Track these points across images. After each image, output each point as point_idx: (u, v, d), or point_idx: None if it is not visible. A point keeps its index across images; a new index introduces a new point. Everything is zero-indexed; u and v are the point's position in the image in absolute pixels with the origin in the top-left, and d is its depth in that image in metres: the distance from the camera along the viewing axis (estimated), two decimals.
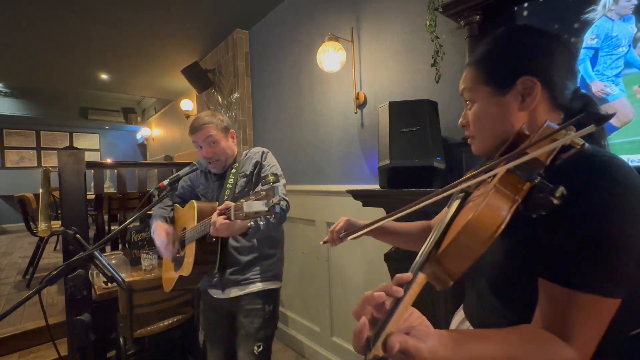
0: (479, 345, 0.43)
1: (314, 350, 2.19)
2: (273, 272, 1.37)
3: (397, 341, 0.37)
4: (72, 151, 1.95)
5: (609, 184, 0.44)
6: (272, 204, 0.92)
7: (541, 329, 0.46)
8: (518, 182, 0.43)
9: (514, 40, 0.60)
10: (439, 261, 0.41)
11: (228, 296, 1.32)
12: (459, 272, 0.41)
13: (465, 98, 0.65)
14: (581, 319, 0.44)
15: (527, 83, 0.56)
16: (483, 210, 0.40)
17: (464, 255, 0.40)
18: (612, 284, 0.43)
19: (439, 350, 0.40)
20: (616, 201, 0.43)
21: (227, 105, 3.08)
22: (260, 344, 1.29)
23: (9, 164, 7.26)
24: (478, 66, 0.62)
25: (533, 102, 0.56)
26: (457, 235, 0.40)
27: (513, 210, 0.41)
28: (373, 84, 1.80)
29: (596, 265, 0.43)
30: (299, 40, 2.32)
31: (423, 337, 0.40)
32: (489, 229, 0.40)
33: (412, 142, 1.27)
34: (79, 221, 1.92)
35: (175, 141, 5.79)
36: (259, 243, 1.34)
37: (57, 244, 4.99)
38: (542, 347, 0.44)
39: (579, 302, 0.44)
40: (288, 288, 2.44)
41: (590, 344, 0.44)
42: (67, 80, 4.60)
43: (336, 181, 2.04)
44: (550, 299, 0.46)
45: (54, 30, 2.88)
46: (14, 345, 2.29)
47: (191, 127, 1.33)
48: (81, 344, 1.01)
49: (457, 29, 1.37)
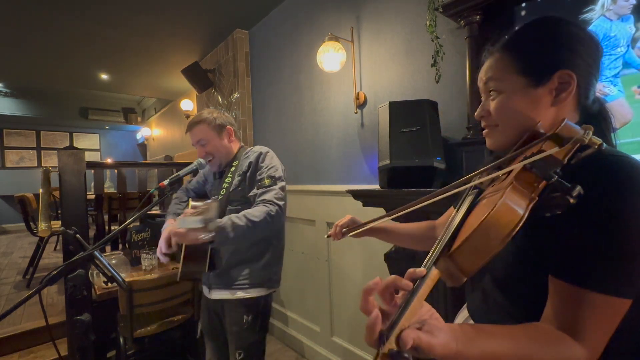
0: (490, 341, 0.43)
1: (314, 350, 2.19)
2: (262, 279, 1.30)
3: (410, 337, 0.37)
4: (72, 151, 1.95)
5: (626, 185, 0.43)
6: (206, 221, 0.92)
7: (551, 327, 0.46)
8: (534, 180, 0.42)
9: (556, 31, 0.55)
10: (453, 258, 0.40)
11: (212, 297, 1.33)
12: (473, 269, 0.40)
13: (489, 88, 0.60)
14: (593, 318, 0.43)
15: (564, 77, 0.53)
16: (500, 208, 0.39)
17: (479, 253, 0.39)
18: (624, 285, 0.43)
19: (450, 345, 0.39)
20: (632, 203, 0.42)
21: (227, 105, 3.08)
22: (240, 352, 1.27)
23: (9, 164, 7.26)
24: (513, 54, 0.57)
25: (567, 99, 0.54)
26: (473, 232, 0.39)
27: (530, 208, 0.40)
28: (373, 84, 1.80)
29: (610, 265, 0.43)
30: (299, 40, 2.32)
31: (435, 332, 0.39)
32: (506, 227, 0.39)
33: (412, 142, 1.27)
34: (79, 221, 1.92)
35: (175, 141, 5.79)
36: (246, 245, 1.29)
37: (57, 244, 4.99)
38: (553, 345, 0.44)
39: (591, 302, 0.43)
40: (288, 288, 2.44)
41: (600, 343, 0.44)
42: (67, 80, 4.59)
43: (336, 181, 2.04)
44: (561, 297, 0.46)
45: (54, 31, 2.88)
46: (14, 345, 2.29)
47: (186, 127, 1.36)
48: (81, 344, 1.02)
49: (457, 29, 1.37)
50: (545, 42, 0.55)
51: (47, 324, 1.00)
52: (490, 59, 0.60)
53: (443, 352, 0.38)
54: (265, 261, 1.31)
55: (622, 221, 0.42)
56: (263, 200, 1.20)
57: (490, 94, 0.60)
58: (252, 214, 1.14)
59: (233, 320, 1.29)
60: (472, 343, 0.41)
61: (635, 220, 0.42)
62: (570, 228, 0.45)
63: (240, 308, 1.27)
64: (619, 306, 0.44)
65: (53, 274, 0.93)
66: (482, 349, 0.42)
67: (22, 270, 3.63)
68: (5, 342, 2.27)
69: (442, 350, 0.38)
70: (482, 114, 0.62)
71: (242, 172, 1.32)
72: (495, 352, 0.42)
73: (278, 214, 1.19)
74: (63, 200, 1.90)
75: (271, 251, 1.33)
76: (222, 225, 1.08)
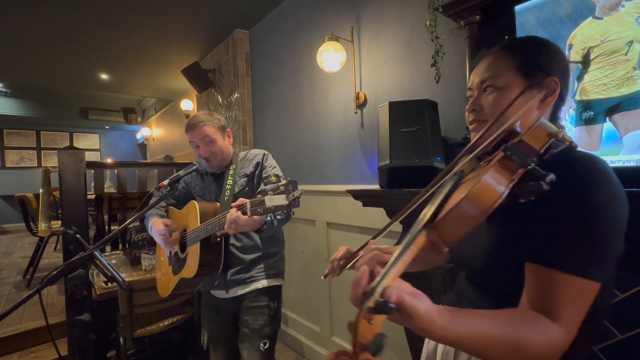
0: (472, 320, 0.45)
1: (314, 350, 2.19)
2: (276, 270, 1.38)
3: (394, 293, 0.38)
4: (73, 151, 1.95)
5: (595, 176, 0.48)
6: (293, 197, 0.94)
7: (529, 310, 0.49)
8: (514, 167, 0.46)
9: (544, 42, 0.62)
10: (438, 228, 0.44)
11: (233, 295, 1.32)
12: (454, 239, 0.43)
13: (488, 84, 0.62)
14: (566, 298, 0.47)
15: (552, 84, 0.59)
16: (484, 182, 0.43)
17: (462, 222, 0.43)
18: (594, 268, 0.47)
19: (433, 314, 0.41)
20: (602, 192, 0.47)
21: (227, 105, 3.08)
22: (266, 341, 1.29)
23: (9, 164, 7.26)
24: (512, 54, 0.61)
25: (551, 102, 0.60)
26: (458, 203, 0.42)
27: (509, 189, 0.44)
28: (373, 84, 1.80)
29: (580, 249, 0.47)
30: (299, 40, 2.32)
31: (419, 296, 0.42)
32: (489, 199, 0.43)
33: (412, 142, 1.27)
34: (79, 221, 1.92)
35: (175, 141, 5.79)
36: (262, 242, 1.35)
37: (57, 244, 4.99)
38: (531, 324, 0.46)
39: (564, 283, 0.47)
40: (288, 288, 2.44)
41: (575, 323, 0.47)
42: (67, 80, 4.60)
43: (336, 181, 2.04)
44: (536, 281, 0.50)
45: (55, 30, 2.88)
46: (14, 345, 2.29)
47: (188, 126, 1.32)
48: (81, 344, 1.02)
49: (457, 29, 1.37)
50: (540, 50, 0.61)
51: (47, 324, 1.01)
52: (489, 58, 0.64)
53: (425, 318, 0.40)
54: (280, 255, 1.43)
55: (592, 209, 0.47)
56: None
57: (485, 90, 0.63)
58: None
59: (259, 310, 1.31)
60: (455, 319, 0.43)
61: (602, 209, 0.47)
62: (545, 216, 0.50)
63: (266, 296, 1.32)
64: (589, 288, 0.47)
65: (53, 274, 0.93)
66: (465, 326, 0.43)
67: (22, 270, 3.63)
68: (5, 342, 2.27)
69: (424, 315, 0.40)
70: (475, 107, 0.65)
71: (249, 173, 1.35)
72: (476, 330, 0.44)
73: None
74: (63, 200, 1.90)
75: (281, 245, 1.45)
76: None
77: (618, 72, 0.85)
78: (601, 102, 0.89)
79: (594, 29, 0.89)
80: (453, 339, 0.43)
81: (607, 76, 0.87)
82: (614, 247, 0.48)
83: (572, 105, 0.94)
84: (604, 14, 0.88)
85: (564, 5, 0.95)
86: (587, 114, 0.91)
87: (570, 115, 0.95)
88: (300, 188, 0.99)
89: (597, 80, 0.89)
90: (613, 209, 0.48)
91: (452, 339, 0.43)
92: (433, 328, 0.41)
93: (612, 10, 0.86)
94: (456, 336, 0.42)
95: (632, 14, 0.83)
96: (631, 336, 0.78)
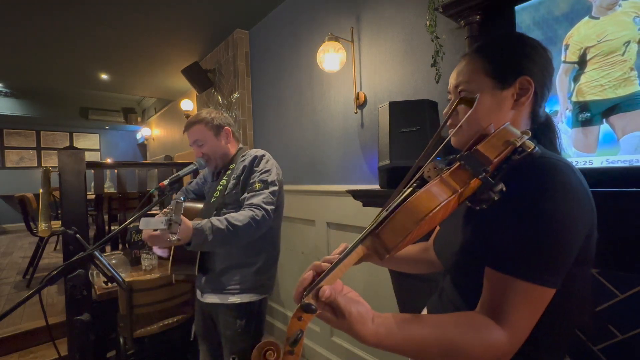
0: (414, 327, 0.46)
1: (314, 350, 2.19)
2: (251, 283, 1.27)
3: (327, 291, 0.42)
4: (72, 151, 1.95)
5: (552, 184, 0.48)
6: (170, 222, 0.91)
7: (478, 313, 0.50)
8: (467, 176, 0.47)
9: (519, 41, 0.62)
10: (379, 235, 0.47)
11: (205, 300, 1.32)
12: (393, 246, 0.45)
13: (461, 89, 0.63)
14: (516, 303, 0.47)
15: (524, 83, 0.59)
16: (420, 195, 0.45)
17: (398, 231, 0.45)
18: (548, 274, 0.47)
19: (366, 319, 0.44)
20: (556, 200, 0.47)
21: (227, 105, 3.08)
22: (234, 357, 1.26)
23: (9, 164, 7.25)
24: (482, 57, 0.62)
25: (525, 103, 0.59)
26: (396, 214, 0.45)
27: (453, 199, 0.45)
28: (373, 84, 1.80)
29: (535, 256, 0.47)
30: (299, 40, 2.32)
31: (356, 302, 0.44)
32: (422, 212, 0.44)
33: (412, 142, 1.27)
34: (79, 221, 1.92)
35: (175, 141, 5.79)
36: (237, 250, 1.27)
37: (57, 244, 4.99)
38: (475, 329, 0.47)
39: (515, 288, 0.47)
40: (288, 288, 2.44)
41: (523, 328, 0.48)
42: (67, 80, 4.59)
43: (336, 181, 2.04)
44: (491, 285, 0.50)
45: (55, 30, 2.88)
46: (14, 345, 2.29)
47: (184, 127, 1.35)
48: (81, 344, 1.02)
49: (457, 29, 1.37)
50: (512, 50, 0.61)
51: (47, 324, 1.01)
52: (462, 62, 0.65)
53: (357, 320, 0.43)
54: (257, 267, 1.28)
55: (547, 217, 0.47)
56: (250, 204, 1.17)
57: (460, 94, 0.63)
58: (235, 217, 1.11)
59: (226, 324, 1.27)
60: (395, 326, 0.45)
61: (558, 216, 0.47)
62: (502, 222, 0.50)
63: (233, 313, 1.25)
64: (541, 294, 0.47)
65: (53, 274, 0.93)
66: (405, 332, 0.45)
67: (22, 270, 3.63)
68: (5, 342, 2.27)
69: (356, 316, 0.43)
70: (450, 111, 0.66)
71: (237, 175, 1.29)
72: (416, 337, 0.46)
73: (264, 218, 1.15)
74: (63, 200, 1.90)
75: (264, 257, 1.30)
76: (200, 227, 1.04)
77: (615, 73, 0.85)
78: (598, 103, 0.88)
79: (591, 29, 0.89)
80: (387, 345, 0.45)
81: (604, 77, 0.87)
82: (567, 253, 0.48)
83: (568, 107, 0.94)
84: (600, 14, 0.87)
85: (560, 5, 0.94)
86: (584, 115, 0.91)
87: (566, 117, 0.94)
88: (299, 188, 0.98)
89: (594, 81, 0.88)
90: (567, 216, 0.47)
91: (386, 345, 0.45)
92: (364, 332, 0.43)
93: (609, 10, 0.86)
94: (391, 342, 0.45)
95: (629, 14, 0.83)
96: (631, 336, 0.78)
